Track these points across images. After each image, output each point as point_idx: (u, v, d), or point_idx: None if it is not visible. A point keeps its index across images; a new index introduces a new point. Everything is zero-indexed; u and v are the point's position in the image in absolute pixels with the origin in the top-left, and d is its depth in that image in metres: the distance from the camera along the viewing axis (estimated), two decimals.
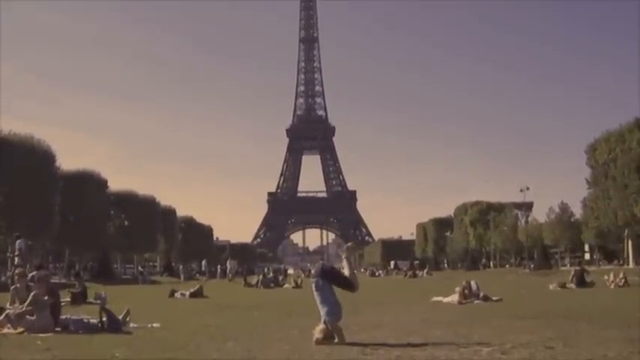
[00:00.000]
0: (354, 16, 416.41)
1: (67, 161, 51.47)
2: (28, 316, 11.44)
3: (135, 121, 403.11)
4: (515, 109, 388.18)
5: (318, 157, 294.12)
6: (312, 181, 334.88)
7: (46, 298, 11.70)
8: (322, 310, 9.65)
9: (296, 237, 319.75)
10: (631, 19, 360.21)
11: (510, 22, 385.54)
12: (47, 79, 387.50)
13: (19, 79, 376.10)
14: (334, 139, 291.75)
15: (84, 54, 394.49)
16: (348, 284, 10.03)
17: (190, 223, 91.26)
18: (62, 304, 13.47)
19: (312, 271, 10.43)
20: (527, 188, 76.18)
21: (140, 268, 66.48)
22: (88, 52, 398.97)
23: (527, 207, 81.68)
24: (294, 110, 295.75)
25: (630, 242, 55.50)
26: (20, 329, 11.22)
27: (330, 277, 9.96)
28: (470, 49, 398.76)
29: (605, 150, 51.09)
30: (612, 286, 28.57)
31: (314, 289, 9.89)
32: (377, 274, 79.11)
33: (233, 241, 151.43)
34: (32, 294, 11.75)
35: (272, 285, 38.07)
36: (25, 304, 11.64)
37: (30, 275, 14.80)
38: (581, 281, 28.89)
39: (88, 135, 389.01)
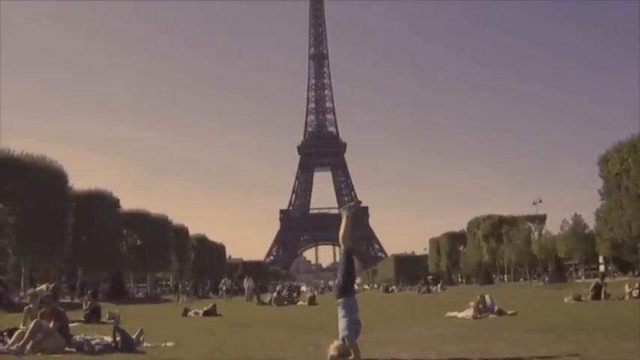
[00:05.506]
0: (362, 31, 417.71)
1: (79, 181, 51.84)
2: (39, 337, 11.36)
3: (146, 140, 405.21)
4: (526, 122, 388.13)
5: (330, 173, 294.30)
6: (323, 197, 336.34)
7: (52, 324, 11.57)
8: (341, 325, 9.61)
9: (309, 254, 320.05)
10: None
11: (521, 34, 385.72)
12: (59, 98, 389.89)
13: (32, 98, 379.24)
14: (345, 155, 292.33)
15: (95, 73, 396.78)
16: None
17: (203, 242, 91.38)
18: (74, 323, 13.43)
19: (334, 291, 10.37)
20: (540, 201, 76.03)
21: (188, 287, 65.46)
22: (100, 71, 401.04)
23: (541, 220, 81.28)
24: (305, 127, 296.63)
25: None
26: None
27: (349, 269, 10.10)
28: (481, 62, 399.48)
29: (618, 161, 50.80)
30: (628, 298, 28.32)
31: (337, 306, 9.86)
32: (390, 289, 78.86)
33: (246, 259, 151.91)
34: (34, 322, 11.56)
35: (286, 302, 37.97)
36: (28, 331, 11.42)
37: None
38: (597, 293, 28.66)
39: (100, 154, 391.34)
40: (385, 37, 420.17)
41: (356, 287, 13.24)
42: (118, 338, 11.79)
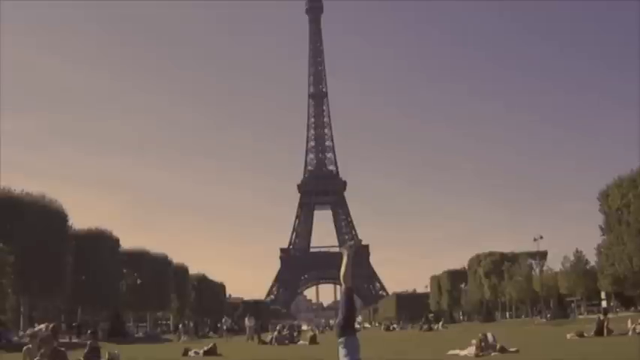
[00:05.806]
0: (361, 68, 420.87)
1: (79, 219, 51.82)
2: None
3: (147, 178, 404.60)
4: (526, 158, 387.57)
5: (330, 212, 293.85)
6: (324, 236, 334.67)
7: None
8: None
9: (309, 293, 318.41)
10: None
11: (520, 70, 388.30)
12: (59, 136, 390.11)
13: (32, 136, 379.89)
14: (345, 193, 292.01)
15: (96, 110, 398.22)
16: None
17: (203, 281, 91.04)
18: None
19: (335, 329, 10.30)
20: (541, 237, 75.67)
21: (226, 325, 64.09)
22: (100, 109, 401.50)
23: (542, 256, 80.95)
24: (305, 166, 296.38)
25: None
26: None
27: (350, 308, 9.97)
28: (480, 99, 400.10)
29: (618, 196, 50.86)
30: (631, 333, 28.17)
31: (338, 345, 9.80)
32: (392, 327, 78.37)
33: (246, 298, 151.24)
34: None
35: (287, 342, 37.72)
36: None
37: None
38: (599, 329, 28.54)
39: (100, 192, 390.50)
40: (384, 74, 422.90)
41: (357, 326, 13.18)
42: None
